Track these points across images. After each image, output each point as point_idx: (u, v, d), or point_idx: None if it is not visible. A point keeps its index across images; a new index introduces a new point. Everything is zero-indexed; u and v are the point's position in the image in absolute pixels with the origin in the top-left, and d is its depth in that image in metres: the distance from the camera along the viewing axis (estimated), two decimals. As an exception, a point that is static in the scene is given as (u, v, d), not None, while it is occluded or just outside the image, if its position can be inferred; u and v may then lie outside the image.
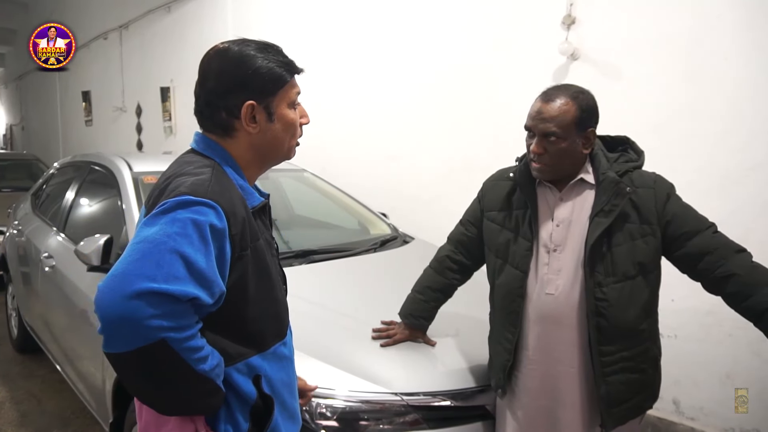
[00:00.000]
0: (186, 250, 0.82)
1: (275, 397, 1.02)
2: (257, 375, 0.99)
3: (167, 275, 0.80)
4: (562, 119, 1.28)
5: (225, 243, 0.90)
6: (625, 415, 1.37)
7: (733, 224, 2.32)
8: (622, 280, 1.31)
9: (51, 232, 2.92)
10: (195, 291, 0.82)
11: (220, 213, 0.89)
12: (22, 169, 7.22)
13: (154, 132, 6.92)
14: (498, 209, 1.48)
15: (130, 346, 0.79)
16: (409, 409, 1.48)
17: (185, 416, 0.93)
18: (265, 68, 0.98)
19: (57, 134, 10.61)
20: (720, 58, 2.34)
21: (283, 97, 1.01)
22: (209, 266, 0.85)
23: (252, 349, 0.99)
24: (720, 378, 2.37)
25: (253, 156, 1.03)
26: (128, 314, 0.77)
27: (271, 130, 1.00)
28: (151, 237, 0.83)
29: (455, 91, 3.44)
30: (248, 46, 0.99)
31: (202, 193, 0.88)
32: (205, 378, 0.87)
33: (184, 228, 0.84)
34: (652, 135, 2.53)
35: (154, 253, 0.81)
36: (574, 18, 2.76)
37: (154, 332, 0.79)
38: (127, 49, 7.44)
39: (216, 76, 0.98)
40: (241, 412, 0.97)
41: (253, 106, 0.98)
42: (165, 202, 0.87)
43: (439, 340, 1.70)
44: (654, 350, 1.42)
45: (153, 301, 0.78)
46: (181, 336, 0.82)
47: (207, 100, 1.00)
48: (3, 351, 3.75)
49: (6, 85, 15.20)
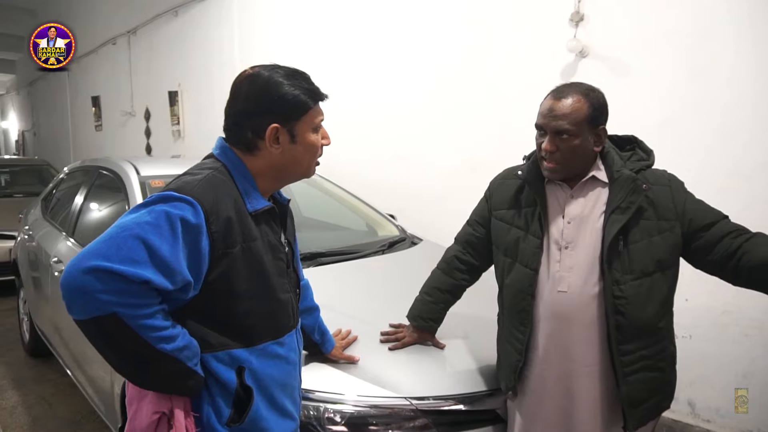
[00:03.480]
0: (151, 238, 0.90)
1: (262, 391, 1.07)
2: (241, 366, 1.05)
3: (124, 257, 0.89)
4: (575, 116, 1.27)
5: (200, 238, 0.96)
6: (646, 415, 1.35)
7: (742, 222, 2.28)
8: (640, 277, 1.29)
9: (60, 237, 2.93)
10: (149, 275, 0.90)
11: (198, 210, 0.96)
12: (33, 174, 7.30)
13: (162, 136, 6.96)
14: (506, 207, 1.46)
15: (86, 314, 0.90)
16: (419, 414, 1.45)
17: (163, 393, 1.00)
18: (290, 95, 1.05)
19: (67, 139, 10.71)
20: (729, 53, 2.30)
21: (307, 122, 1.08)
22: (173, 255, 0.92)
23: (237, 342, 1.05)
24: (736, 379, 2.32)
25: (271, 172, 1.10)
26: (80, 286, 0.88)
27: (292, 151, 1.08)
28: (124, 223, 0.93)
29: (462, 90, 3.42)
30: (277, 72, 1.07)
31: (186, 191, 0.97)
32: (167, 357, 0.94)
33: (156, 219, 0.92)
34: (660, 131, 2.50)
35: (119, 236, 0.90)
36: (582, 15, 2.73)
37: (105, 305, 0.88)
38: (135, 54, 7.49)
39: (245, 98, 1.07)
40: (223, 398, 1.04)
41: (277, 129, 1.06)
42: (151, 195, 0.98)
43: (448, 342, 1.67)
44: (671, 348, 1.40)
45: (103, 278, 0.88)
46: (134, 313, 0.91)
47: (235, 119, 1.08)
48: (15, 355, 3.78)
49: (18, 91, 15.39)
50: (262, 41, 5.05)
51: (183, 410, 1.01)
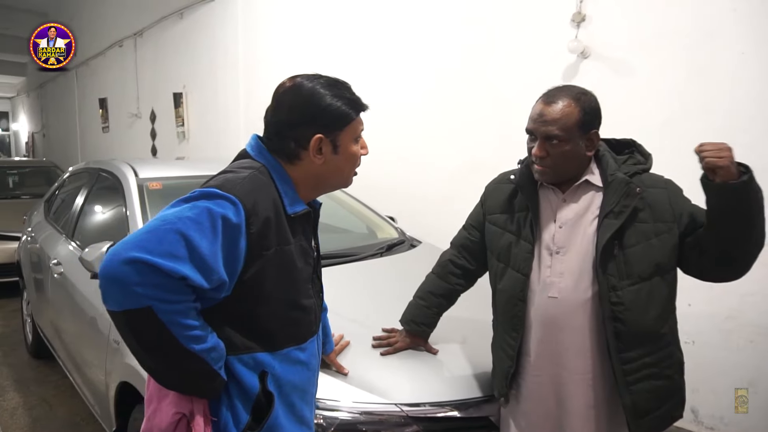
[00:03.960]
0: (192, 234, 0.89)
1: (283, 398, 1.06)
2: (264, 371, 1.03)
3: (164, 252, 0.87)
4: (565, 122, 1.24)
5: (239, 238, 0.95)
6: (655, 426, 1.30)
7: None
8: (638, 281, 1.26)
9: (61, 239, 2.94)
10: (188, 272, 0.88)
11: (239, 209, 0.95)
12: (40, 176, 7.35)
13: (167, 137, 7.00)
14: (500, 212, 1.44)
15: (120, 306, 0.89)
16: (410, 421, 1.43)
17: (184, 395, 0.99)
18: (334, 106, 1.05)
19: (76, 141, 10.81)
20: (731, 54, 2.26)
21: (349, 132, 1.08)
22: (212, 254, 0.91)
23: (261, 345, 1.04)
24: (741, 386, 2.27)
25: (310, 181, 1.10)
26: (118, 277, 0.86)
27: (334, 161, 1.08)
28: (166, 216, 0.92)
29: (463, 91, 3.39)
30: (320, 83, 1.07)
31: (228, 189, 0.96)
32: (195, 357, 0.93)
33: (198, 215, 0.91)
34: (662, 132, 2.46)
35: (161, 230, 0.89)
36: (584, 15, 2.70)
37: (140, 298, 0.87)
38: (141, 56, 7.54)
39: (289, 109, 1.06)
40: (242, 402, 1.02)
41: (321, 139, 1.05)
42: (194, 190, 0.97)
43: (442, 347, 1.65)
44: (678, 354, 1.36)
45: (142, 270, 0.86)
46: (169, 309, 0.89)
47: (277, 129, 1.08)
48: (18, 356, 3.80)
49: (28, 93, 15.56)
50: (266, 43, 5.06)
51: (203, 414, 1.00)
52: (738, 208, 1.15)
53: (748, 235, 1.19)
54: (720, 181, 1.12)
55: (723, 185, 1.12)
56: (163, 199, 2.47)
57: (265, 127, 1.10)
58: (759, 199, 1.16)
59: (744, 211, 1.15)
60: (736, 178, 1.11)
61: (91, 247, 2.09)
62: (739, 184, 1.11)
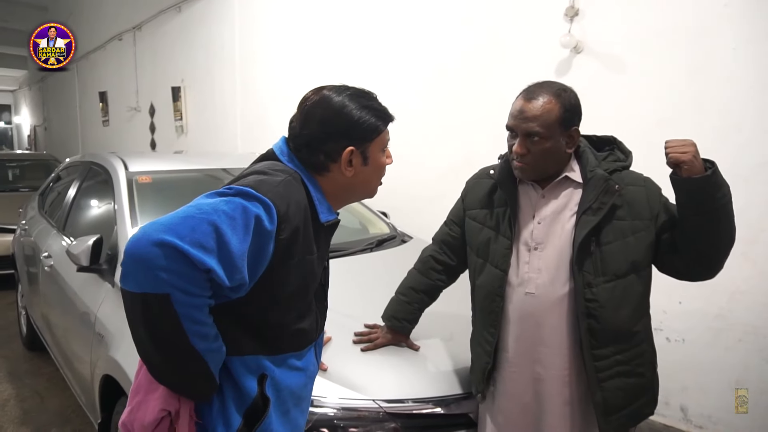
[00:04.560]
0: (225, 229, 0.87)
1: (280, 403, 1.04)
2: (263, 374, 1.02)
3: (196, 241, 0.84)
4: (546, 118, 1.23)
5: (269, 242, 0.94)
6: (624, 423, 1.30)
7: (742, 224, 2.19)
8: (612, 279, 1.25)
9: (52, 232, 2.95)
10: (214, 265, 0.85)
11: (273, 214, 0.93)
12: (40, 169, 7.35)
13: (166, 131, 7.00)
14: (479, 207, 1.43)
15: (139, 288, 0.85)
16: (388, 417, 1.42)
17: (174, 392, 0.96)
18: (365, 118, 1.05)
19: (76, 134, 10.83)
20: (728, 50, 2.23)
21: (378, 144, 1.08)
22: (240, 252, 0.88)
23: (264, 349, 1.02)
24: (729, 385, 2.26)
25: (339, 192, 1.10)
26: (146, 257, 0.83)
27: (363, 172, 1.08)
28: (202, 205, 0.89)
29: (456, 88, 3.37)
30: (348, 95, 1.06)
31: (264, 191, 0.94)
32: (197, 355, 0.90)
33: (233, 210, 0.89)
34: (656, 129, 2.43)
35: (196, 218, 0.86)
36: (577, 10, 2.67)
37: (161, 284, 0.84)
38: (141, 50, 7.54)
39: (320, 123, 1.05)
40: (236, 406, 0.99)
41: (353, 152, 1.05)
42: (231, 186, 0.94)
43: (423, 343, 1.64)
44: (650, 352, 1.35)
45: (171, 255, 0.83)
46: (186, 300, 0.86)
47: (307, 141, 1.06)
48: (13, 348, 3.81)
49: (30, 87, 15.58)
50: (262, 38, 5.04)
51: (188, 414, 0.97)
52: (704, 203, 1.17)
53: (716, 229, 1.20)
54: (685, 175, 1.15)
55: (687, 179, 1.15)
56: (153, 193, 2.47)
57: (292, 138, 1.08)
58: (724, 193, 1.17)
59: (709, 205, 1.17)
60: (701, 173, 1.14)
61: (79, 240, 2.09)
62: (702, 177, 1.13)
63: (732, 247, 1.25)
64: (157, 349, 0.91)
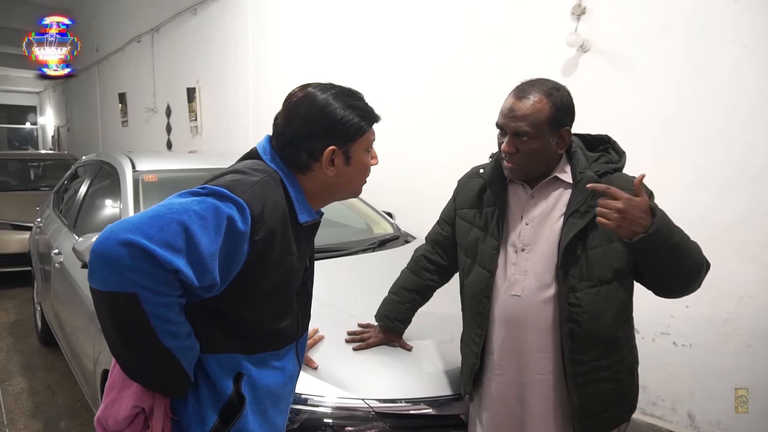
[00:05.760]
0: (195, 229, 0.86)
1: (257, 403, 1.03)
2: (240, 373, 1.01)
3: (163, 241, 0.83)
4: (536, 118, 1.20)
5: (242, 243, 0.92)
6: (599, 428, 1.28)
7: (749, 225, 2.17)
8: (597, 284, 1.22)
9: (63, 230, 3.01)
10: (182, 266, 0.85)
11: (247, 216, 0.92)
12: (61, 168, 7.49)
13: (181, 132, 7.10)
14: (469, 207, 1.41)
15: (105, 286, 0.85)
16: (377, 417, 1.42)
17: (147, 389, 0.96)
18: (348, 117, 1.04)
19: (97, 135, 11.05)
20: (736, 47, 2.17)
21: (362, 144, 1.07)
22: (210, 253, 0.87)
23: (240, 348, 1.01)
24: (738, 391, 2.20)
25: (320, 191, 1.09)
26: (111, 256, 0.83)
27: (346, 172, 1.07)
28: (173, 204, 0.88)
29: (462, 86, 3.35)
30: (333, 94, 1.05)
31: (239, 192, 0.93)
32: (169, 353, 0.90)
33: (205, 211, 0.88)
34: (663, 128, 2.39)
35: (166, 218, 0.85)
36: (584, 8, 2.63)
37: (128, 283, 0.83)
38: (158, 52, 7.66)
39: (302, 120, 1.04)
40: (212, 404, 0.99)
41: (334, 151, 1.04)
42: (204, 186, 0.94)
43: (416, 343, 1.63)
44: (630, 359, 1.32)
45: (137, 255, 0.82)
46: (155, 299, 0.85)
47: (290, 139, 1.05)
48: (29, 343, 3.91)
49: (54, 88, 15.94)
50: (275, 40, 5.08)
51: (163, 410, 0.97)
52: (649, 257, 1.14)
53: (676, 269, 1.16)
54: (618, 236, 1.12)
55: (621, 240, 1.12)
56: (159, 192, 2.50)
57: (275, 135, 1.08)
58: (670, 245, 1.11)
59: (656, 258, 1.13)
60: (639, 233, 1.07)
61: (84, 237, 2.13)
62: (633, 243, 1.08)
63: (702, 272, 1.20)
64: (126, 347, 0.90)
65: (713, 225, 2.20)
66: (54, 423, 2.76)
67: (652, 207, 1.10)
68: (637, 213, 1.06)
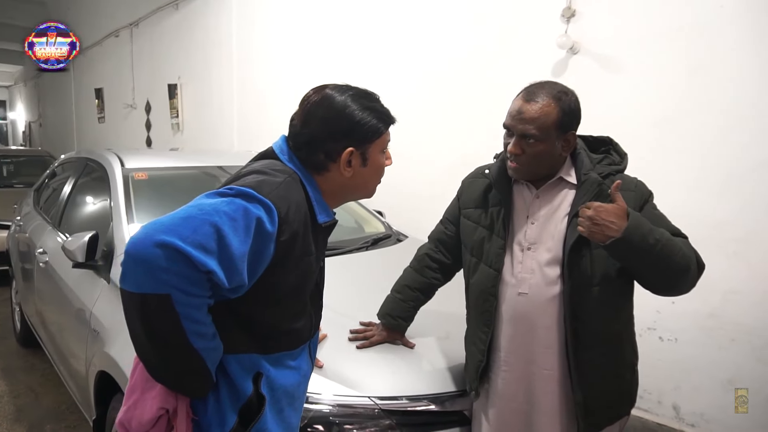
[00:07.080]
0: (226, 231, 0.86)
1: (274, 402, 1.04)
2: (259, 372, 1.02)
3: (197, 242, 0.84)
4: (543, 121, 1.22)
5: (269, 244, 0.93)
6: (600, 422, 1.32)
7: (739, 224, 2.24)
8: (601, 283, 1.25)
9: (47, 228, 2.94)
10: (215, 267, 0.85)
11: (274, 215, 0.93)
12: (35, 165, 7.31)
13: (162, 129, 6.98)
14: (474, 206, 1.43)
15: (138, 288, 0.84)
16: (383, 414, 1.43)
17: (171, 390, 0.96)
18: (366, 119, 1.05)
19: (72, 131, 10.78)
20: (725, 50, 2.24)
21: (378, 145, 1.08)
22: (241, 254, 0.88)
23: (258, 347, 1.02)
24: (722, 384, 2.28)
25: (337, 191, 1.10)
26: (147, 258, 0.83)
27: (362, 173, 1.08)
28: (203, 205, 0.88)
29: (454, 88, 3.38)
30: (351, 96, 1.06)
31: (265, 193, 0.93)
32: (196, 353, 0.90)
33: (235, 212, 0.88)
34: (654, 130, 2.45)
35: (198, 219, 0.86)
36: (574, 10, 2.68)
37: (162, 285, 0.83)
38: (138, 47, 7.51)
39: (321, 122, 1.04)
40: (231, 405, 0.99)
41: (352, 152, 1.05)
42: (232, 186, 0.93)
43: (419, 341, 1.65)
44: (631, 355, 1.37)
45: (172, 256, 0.83)
46: (187, 300, 0.86)
47: (307, 140, 1.05)
48: (7, 345, 3.80)
49: (25, 82, 15.49)
50: (260, 36, 5.04)
51: (185, 412, 0.97)
52: (629, 261, 1.18)
53: (661, 271, 1.18)
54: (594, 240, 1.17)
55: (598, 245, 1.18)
56: (149, 190, 2.46)
57: (292, 135, 1.08)
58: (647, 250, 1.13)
59: (637, 261, 1.17)
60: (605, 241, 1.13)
61: (74, 236, 2.08)
62: (606, 246, 1.14)
63: (688, 273, 1.21)
64: (155, 348, 0.90)
65: (701, 224, 2.27)
66: (38, 426, 2.70)
67: (628, 212, 1.14)
68: (607, 219, 1.11)
